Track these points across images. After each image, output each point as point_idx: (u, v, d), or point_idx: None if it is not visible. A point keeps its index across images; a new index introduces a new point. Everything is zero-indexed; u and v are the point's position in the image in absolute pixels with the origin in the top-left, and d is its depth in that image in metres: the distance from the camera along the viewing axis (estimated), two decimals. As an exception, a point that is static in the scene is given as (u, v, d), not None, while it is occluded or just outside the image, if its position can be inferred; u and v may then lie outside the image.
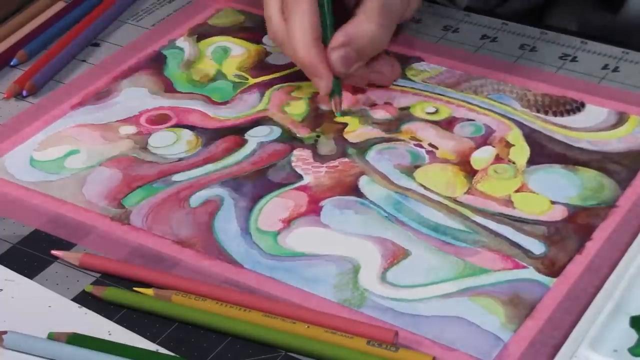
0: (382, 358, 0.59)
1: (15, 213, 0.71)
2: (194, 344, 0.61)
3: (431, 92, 0.81)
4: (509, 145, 0.75)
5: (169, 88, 0.83)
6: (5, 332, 0.61)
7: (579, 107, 0.79)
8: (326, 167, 0.74)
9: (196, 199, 0.72)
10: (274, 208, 0.71)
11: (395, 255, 0.67)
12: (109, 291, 0.64)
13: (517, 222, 0.69)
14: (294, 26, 0.76)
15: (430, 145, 0.76)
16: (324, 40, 0.76)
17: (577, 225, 0.68)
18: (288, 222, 0.70)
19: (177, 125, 0.79)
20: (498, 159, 0.74)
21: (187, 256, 0.67)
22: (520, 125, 0.77)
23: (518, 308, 0.63)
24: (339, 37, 0.76)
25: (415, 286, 0.64)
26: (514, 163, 0.74)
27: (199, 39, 0.89)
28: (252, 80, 0.84)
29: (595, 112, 0.78)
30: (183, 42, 0.89)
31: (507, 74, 0.83)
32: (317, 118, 0.79)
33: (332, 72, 0.76)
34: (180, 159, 0.76)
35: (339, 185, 0.73)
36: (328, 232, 0.69)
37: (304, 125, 0.78)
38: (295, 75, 0.84)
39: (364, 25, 0.76)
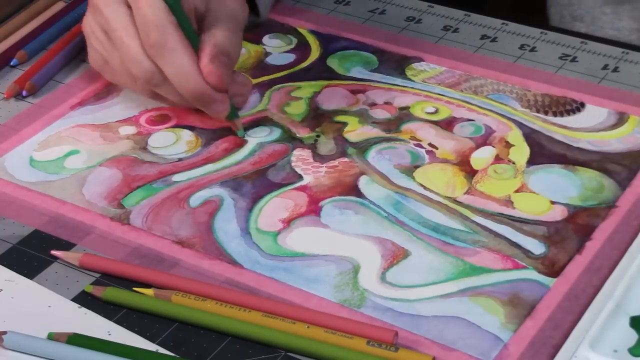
0: (382, 358, 0.59)
1: (15, 213, 0.71)
2: (193, 344, 0.61)
3: (431, 92, 0.81)
4: (508, 145, 0.75)
5: (168, 88, 0.83)
6: (5, 332, 0.61)
7: (579, 107, 0.79)
8: (326, 167, 0.74)
9: (196, 199, 0.72)
10: (273, 208, 0.71)
11: (395, 256, 0.67)
12: (108, 291, 0.64)
13: (516, 222, 0.69)
14: (176, 63, 0.73)
15: (430, 145, 0.76)
16: None
17: (577, 225, 0.68)
18: (288, 222, 0.70)
19: (177, 126, 0.79)
20: (498, 159, 0.74)
21: (187, 256, 0.67)
22: (520, 125, 0.77)
23: (518, 308, 0.63)
24: (208, 51, 0.74)
25: (415, 286, 0.64)
26: (513, 163, 0.74)
27: (198, 39, 0.89)
28: (252, 81, 0.83)
29: (595, 112, 0.78)
30: (183, 42, 0.89)
31: (507, 74, 0.83)
32: (316, 118, 0.79)
33: (218, 85, 0.74)
34: (180, 159, 0.76)
35: (338, 185, 0.72)
36: (328, 232, 0.69)
37: (303, 125, 0.78)
38: (295, 76, 0.84)
39: (221, 32, 0.75)
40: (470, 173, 0.73)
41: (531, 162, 0.74)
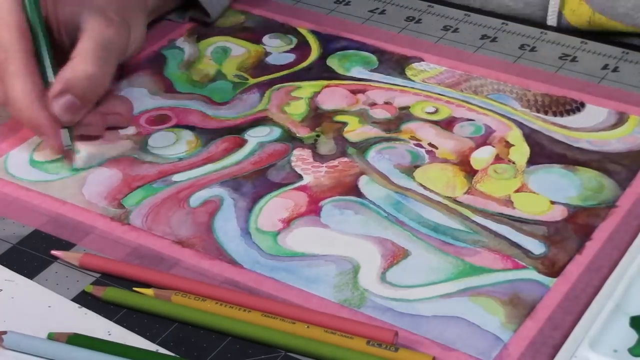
0: (382, 358, 0.59)
1: (15, 213, 0.71)
2: (193, 344, 0.61)
3: (431, 92, 0.81)
4: (508, 145, 0.75)
5: (168, 88, 0.83)
6: (5, 332, 0.61)
7: (579, 107, 0.79)
8: (326, 166, 0.74)
9: (196, 199, 0.72)
10: (273, 208, 0.71)
11: (395, 255, 0.67)
12: (108, 291, 0.64)
13: (516, 222, 0.69)
14: (14, 87, 0.72)
15: (430, 145, 0.76)
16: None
17: (577, 225, 0.68)
18: (288, 222, 0.70)
19: (177, 126, 0.79)
20: (498, 159, 0.74)
21: (186, 256, 0.67)
22: (520, 125, 0.77)
23: (518, 308, 0.63)
24: (57, 86, 0.73)
25: (415, 286, 0.64)
26: (513, 163, 0.74)
27: (198, 39, 0.89)
28: (252, 81, 0.84)
29: (595, 112, 0.78)
30: (183, 43, 0.89)
31: (507, 74, 0.83)
32: (316, 118, 0.79)
33: (60, 123, 0.73)
34: (180, 159, 0.76)
35: (338, 185, 0.73)
36: (328, 232, 0.69)
37: (303, 125, 0.78)
38: (295, 75, 0.84)
39: (80, 68, 0.73)
40: (470, 173, 0.73)
41: (531, 162, 0.74)
